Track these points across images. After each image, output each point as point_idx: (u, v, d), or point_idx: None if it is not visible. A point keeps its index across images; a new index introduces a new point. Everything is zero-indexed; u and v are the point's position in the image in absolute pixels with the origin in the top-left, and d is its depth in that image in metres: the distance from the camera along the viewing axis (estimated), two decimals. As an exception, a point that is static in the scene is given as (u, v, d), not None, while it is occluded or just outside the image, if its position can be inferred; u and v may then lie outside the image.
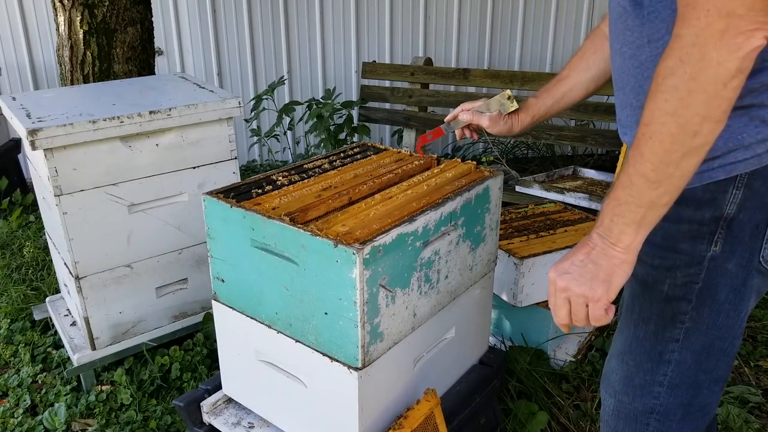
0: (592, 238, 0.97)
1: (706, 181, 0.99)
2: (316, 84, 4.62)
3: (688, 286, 1.05)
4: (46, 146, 1.85)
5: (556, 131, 3.39)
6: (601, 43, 1.38)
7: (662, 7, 0.98)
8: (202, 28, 4.29)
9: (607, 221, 0.94)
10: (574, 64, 1.43)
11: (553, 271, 1.00)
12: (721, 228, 1.00)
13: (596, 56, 1.39)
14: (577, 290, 0.97)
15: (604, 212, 0.95)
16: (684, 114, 0.85)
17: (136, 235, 2.12)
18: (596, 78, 1.41)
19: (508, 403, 2.01)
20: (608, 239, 0.94)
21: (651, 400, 1.14)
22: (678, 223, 1.02)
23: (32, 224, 3.46)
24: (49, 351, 2.43)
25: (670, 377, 1.11)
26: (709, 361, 1.09)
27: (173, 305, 2.30)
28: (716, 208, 0.99)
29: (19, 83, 4.23)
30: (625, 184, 0.91)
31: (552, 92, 1.46)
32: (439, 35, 4.67)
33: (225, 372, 1.65)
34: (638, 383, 1.14)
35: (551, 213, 2.47)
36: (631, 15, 1.03)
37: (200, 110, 2.10)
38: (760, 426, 1.98)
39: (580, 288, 0.97)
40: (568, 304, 1.00)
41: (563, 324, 1.03)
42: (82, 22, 2.94)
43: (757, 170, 0.96)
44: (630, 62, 1.06)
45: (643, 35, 1.02)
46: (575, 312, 1.00)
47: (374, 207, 1.39)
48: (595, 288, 0.96)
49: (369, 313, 1.26)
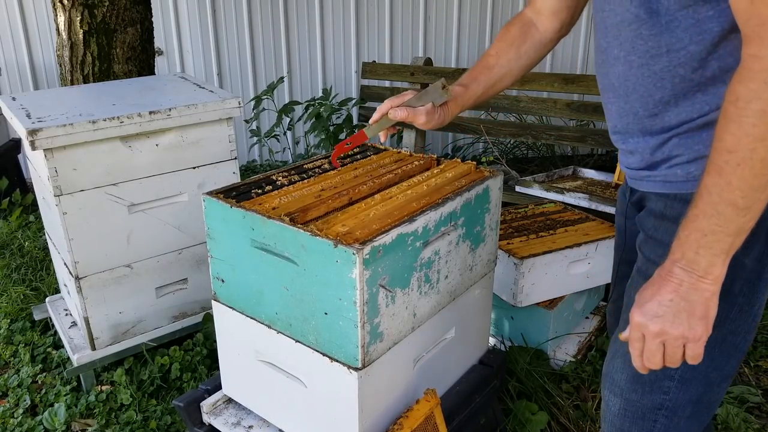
0: (674, 273, 0.92)
1: None
2: (316, 84, 4.62)
3: None
4: (46, 146, 1.85)
5: (556, 131, 3.39)
6: (532, 34, 1.38)
7: (683, 17, 0.96)
8: (202, 28, 4.29)
9: (690, 254, 0.90)
10: (502, 51, 1.39)
11: (640, 315, 0.95)
12: None
13: (527, 46, 1.38)
14: (675, 332, 0.93)
15: (685, 245, 0.91)
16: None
17: (136, 235, 2.12)
18: (527, 67, 1.41)
19: (508, 403, 2.01)
20: (696, 273, 0.90)
21: (660, 396, 1.12)
22: None
23: (32, 224, 3.46)
24: (49, 351, 2.43)
25: (681, 372, 1.09)
26: (722, 357, 1.09)
27: (173, 305, 2.30)
28: None
29: (19, 83, 4.23)
30: (709, 213, 0.88)
31: (481, 80, 1.41)
32: (439, 35, 4.67)
33: (225, 372, 1.65)
34: (647, 379, 1.13)
35: (551, 213, 2.47)
36: (646, 23, 1.01)
37: (200, 110, 2.10)
38: (760, 426, 1.98)
39: (678, 329, 0.93)
40: (662, 348, 0.96)
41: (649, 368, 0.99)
42: (82, 22, 2.94)
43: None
44: (640, 71, 1.04)
45: (661, 44, 1.00)
46: (671, 355, 0.95)
47: (374, 207, 1.39)
48: (694, 327, 0.92)
49: (369, 313, 1.26)
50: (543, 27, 1.39)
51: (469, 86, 1.41)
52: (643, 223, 1.12)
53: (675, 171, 1.03)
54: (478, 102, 1.44)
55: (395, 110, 1.37)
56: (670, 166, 1.04)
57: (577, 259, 2.18)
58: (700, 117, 0.99)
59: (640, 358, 1.00)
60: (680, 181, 1.03)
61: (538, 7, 1.39)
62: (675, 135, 1.02)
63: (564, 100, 3.35)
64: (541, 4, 1.38)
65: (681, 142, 1.02)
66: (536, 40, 1.39)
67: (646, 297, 0.95)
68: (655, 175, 1.06)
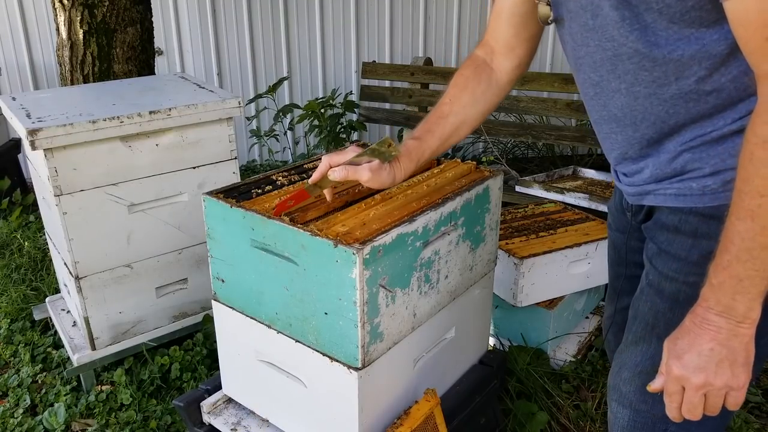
0: (710, 320, 0.90)
1: None
2: (316, 84, 4.62)
3: None
4: (46, 146, 1.85)
5: (556, 131, 3.39)
6: (487, 75, 1.28)
7: (685, 45, 0.95)
8: (202, 28, 4.29)
9: (727, 300, 0.89)
10: (455, 98, 1.27)
11: (680, 368, 0.93)
12: None
13: (483, 88, 1.27)
14: (719, 383, 0.91)
15: (719, 292, 0.89)
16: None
17: (136, 235, 2.12)
18: (485, 112, 1.30)
19: (508, 403, 2.01)
20: (734, 318, 0.89)
21: None
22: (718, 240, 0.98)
23: (32, 224, 3.46)
24: (49, 351, 2.43)
25: None
26: None
27: (173, 305, 2.30)
28: None
29: (19, 83, 4.23)
30: (743, 258, 0.86)
31: (436, 132, 1.27)
32: (439, 35, 4.67)
33: (225, 372, 1.65)
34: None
35: (551, 213, 2.47)
36: (647, 56, 0.99)
37: (200, 110, 2.10)
38: (760, 426, 1.98)
39: (721, 379, 0.91)
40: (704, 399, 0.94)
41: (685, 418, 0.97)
42: (82, 22, 2.94)
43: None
44: (648, 101, 1.02)
45: (668, 73, 0.98)
46: (713, 405, 0.94)
47: (374, 207, 1.39)
48: (738, 375, 0.91)
49: (369, 313, 1.26)
50: (498, 66, 1.29)
51: (423, 139, 1.26)
52: (655, 236, 1.10)
53: (689, 185, 1.01)
54: (435, 154, 1.30)
55: (334, 171, 1.20)
56: (683, 179, 1.02)
57: (577, 259, 2.18)
58: (715, 131, 0.98)
59: (679, 410, 0.97)
60: (696, 195, 1.01)
61: (491, 45, 1.29)
62: (687, 149, 1.01)
63: (564, 100, 3.35)
64: (494, 42, 1.28)
65: (695, 156, 1.00)
66: (492, 82, 1.28)
67: (684, 347, 0.93)
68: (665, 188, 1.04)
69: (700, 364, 0.91)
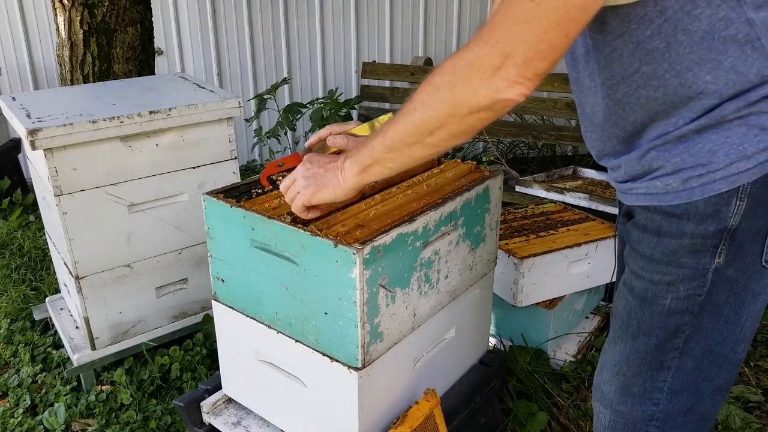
0: (340, 158, 1.14)
1: (709, 194, 0.96)
2: (316, 84, 4.61)
3: (692, 299, 1.04)
4: (46, 146, 1.85)
5: (556, 131, 3.39)
6: None
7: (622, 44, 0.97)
8: (202, 28, 4.29)
9: (353, 153, 1.11)
10: None
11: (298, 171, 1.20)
12: (724, 240, 0.98)
13: None
14: (302, 182, 1.18)
15: (356, 151, 1.11)
16: (430, 113, 0.96)
17: (136, 235, 2.12)
18: None
19: (508, 403, 2.01)
20: (342, 165, 1.13)
21: (650, 407, 1.12)
22: (680, 238, 1.00)
23: (32, 224, 3.46)
24: (49, 351, 2.43)
25: (670, 383, 1.10)
26: (711, 368, 1.08)
27: (173, 305, 2.30)
28: (720, 220, 0.97)
29: (19, 83, 4.23)
30: (375, 135, 1.06)
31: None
32: (439, 35, 4.67)
33: (225, 372, 1.65)
34: (637, 391, 1.13)
35: (551, 213, 2.47)
36: (593, 57, 1.02)
37: (200, 110, 2.10)
38: (760, 426, 1.98)
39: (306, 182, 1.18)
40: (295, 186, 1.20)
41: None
42: (82, 22, 2.94)
43: (759, 178, 0.94)
44: (605, 101, 1.05)
45: (615, 73, 1.01)
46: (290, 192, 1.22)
47: (374, 207, 1.39)
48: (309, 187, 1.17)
49: (369, 313, 1.26)
50: None
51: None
52: (629, 234, 1.12)
53: (655, 183, 1.02)
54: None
55: (334, 137, 1.29)
56: (651, 178, 1.03)
57: (577, 259, 2.18)
58: (676, 130, 0.99)
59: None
60: (660, 193, 1.02)
61: None
62: (653, 147, 1.02)
63: (564, 99, 3.35)
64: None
65: (659, 155, 1.01)
66: None
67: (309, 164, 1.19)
68: (638, 188, 1.06)
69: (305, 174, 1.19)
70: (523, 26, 0.84)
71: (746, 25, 0.90)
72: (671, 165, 1.00)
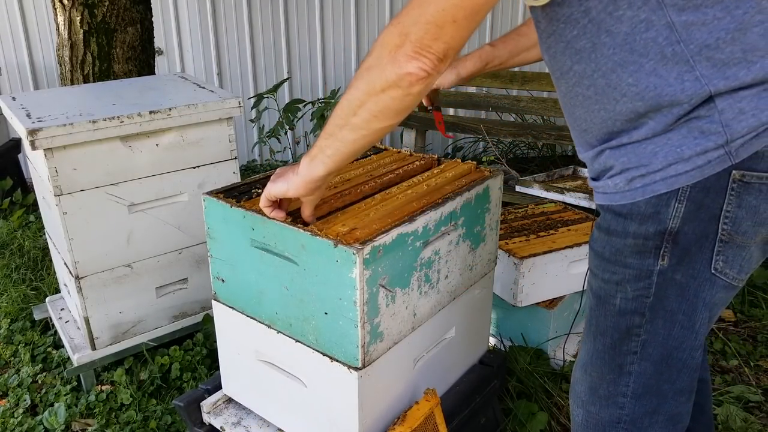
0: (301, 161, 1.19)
1: (649, 194, 0.97)
2: (316, 84, 4.62)
3: (640, 300, 1.04)
4: (46, 146, 1.85)
5: (556, 131, 3.38)
6: None
7: (554, 41, 0.99)
8: (202, 28, 4.29)
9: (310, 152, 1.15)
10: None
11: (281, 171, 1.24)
12: (666, 242, 0.99)
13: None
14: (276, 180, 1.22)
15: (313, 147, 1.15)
16: (353, 93, 1.02)
17: (136, 235, 2.12)
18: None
19: (508, 403, 2.01)
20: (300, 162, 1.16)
21: (617, 410, 1.14)
22: (624, 238, 1.01)
23: (32, 224, 3.46)
24: (49, 351, 2.43)
25: (632, 388, 1.11)
26: (671, 371, 1.09)
27: (173, 305, 2.30)
28: (660, 222, 0.98)
29: (19, 83, 4.23)
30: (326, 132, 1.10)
31: (509, 45, 1.47)
32: (439, 35, 4.66)
33: (225, 372, 1.65)
34: (603, 394, 1.14)
35: (551, 213, 2.47)
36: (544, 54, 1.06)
37: (200, 110, 2.10)
38: (760, 426, 1.98)
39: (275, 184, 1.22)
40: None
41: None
42: (82, 22, 2.94)
43: (699, 182, 0.94)
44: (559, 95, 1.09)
45: (555, 70, 1.05)
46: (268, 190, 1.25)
47: (374, 207, 1.39)
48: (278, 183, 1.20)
49: (369, 313, 1.26)
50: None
51: (497, 46, 1.47)
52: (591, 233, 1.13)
53: (608, 182, 1.03)
54: (503, 66, 1.50)
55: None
56: (606, 177, 1.04)
57: (577, 259, 2.18)
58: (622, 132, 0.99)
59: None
60: (610, 193, 1.03)
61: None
62: (607, 147, 1.02)
63: (564, 99, 3.34)
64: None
65: (611, 154, 1.02)
66: None
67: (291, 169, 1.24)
68: (597, 186, 1.07)
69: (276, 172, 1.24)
70: (417, 9, 0.92)
71: (666, 28, 0.89)
72: (619, 165, 1.01)
